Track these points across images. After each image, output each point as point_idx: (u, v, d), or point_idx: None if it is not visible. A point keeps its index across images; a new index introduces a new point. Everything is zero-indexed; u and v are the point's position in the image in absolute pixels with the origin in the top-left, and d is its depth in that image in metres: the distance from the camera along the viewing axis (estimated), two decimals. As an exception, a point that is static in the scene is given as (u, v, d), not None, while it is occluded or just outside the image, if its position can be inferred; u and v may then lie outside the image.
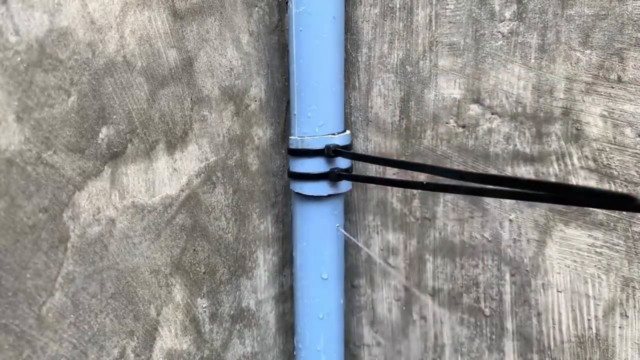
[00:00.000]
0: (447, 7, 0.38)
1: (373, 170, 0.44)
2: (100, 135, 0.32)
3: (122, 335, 0.35)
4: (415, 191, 0.43)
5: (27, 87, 0.28)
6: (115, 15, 0.32)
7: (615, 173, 0.34)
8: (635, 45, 0.32)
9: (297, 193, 0.40)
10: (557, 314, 0.38)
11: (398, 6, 0.40)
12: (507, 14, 0.36)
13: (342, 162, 0.39)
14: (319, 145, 0.38)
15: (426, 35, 0.39)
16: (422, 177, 0.41)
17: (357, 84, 0.44)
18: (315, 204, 0.40)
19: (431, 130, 0.41)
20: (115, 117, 0.32)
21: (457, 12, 0.38)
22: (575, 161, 0.35)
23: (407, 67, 0.41)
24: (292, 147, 0.39)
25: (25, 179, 0.28)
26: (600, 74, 0.33)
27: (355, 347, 0.49)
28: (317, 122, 0.39)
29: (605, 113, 0.33)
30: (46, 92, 0.29)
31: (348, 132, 0.40)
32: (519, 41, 0.36)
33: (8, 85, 0.27)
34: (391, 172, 0.43)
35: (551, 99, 0.35)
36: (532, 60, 0.35)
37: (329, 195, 0.39)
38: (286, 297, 0.48)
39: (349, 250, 0.48)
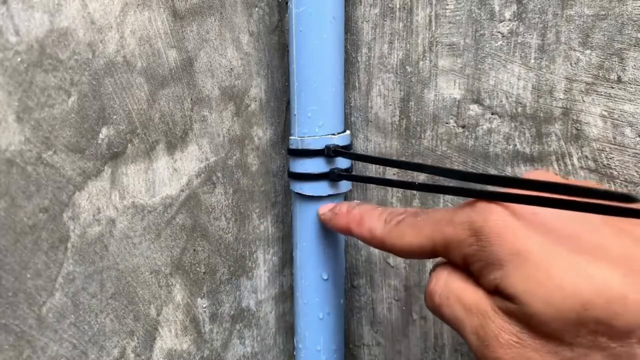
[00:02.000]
0: (447, 7, 0.38)
1: (373, 170, 0.44)
2: (101, 136, 0.32)
3: (122, 335, 0.35)
4: (415, 191, 0.43)
5: (28, 88, 0.28)
6: (115, 15, 0.32)
7: (615, 173, 0.34)
8: (635, 45, 0.32)
9: (297, 193, 0.40)
10: (557, 314, 0.38)
11: (398, 6, 0.40)
12: (507, 14, 0.36)
13: (342, 162, 0.39)
14: (319, 145, 0.38)
15: (426, 36, 0.39)
16: (422, 177, 0.41)
17: (357, 84, 0.44)
18: (316, 204, 0.40)
19: (431, 130, 0.41)
20: (115, 117, 0.32)
21: (457, 13, 0.38)
22: (575, 161, 0.35)
23: (407, 67, 0.41)
24: (292, 147, 0.39)
25: (26, 179, 0.28)
26: (600, 74, 0.33)
27: (355, 347, 0.49)
28: (317, 122, 0.39)
29: (605, 113, 0.33)
30: (46, 93, 0.29)
31: (348, 132, 0.40)
32: (518, 41, 0.36)
33: (8, 85, 0.27)
34: (391, 172, 0.43)
35: (551, 99, 0.35)
36: (532, 61, 0.35)
37: (329, 196, 0.39)
38: (286, 297, 0.48)
39: (349, 250, 0.48)
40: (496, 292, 0.23)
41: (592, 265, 0.21)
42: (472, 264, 0.25)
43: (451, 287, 0.26)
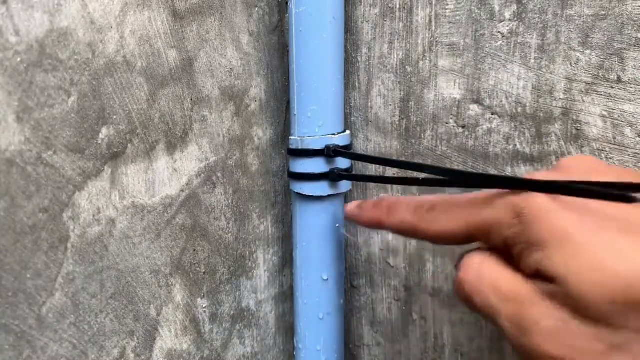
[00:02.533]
0: (447, 7, 0.38)
1: (373, 170, 0.44)
2: (100, 136, 0.32)
3: (122, 335, 0.35)
4: (415, 191, 0.43)
5: (28, 88, 0.28)
6: (115, 15, 0.32)
7: (615, 173, 0.34)
8: (635, 45, 0.32)
9: (297, 193, 0.40)
10: (557, 314, 0.38)
11: (398, 6, 0.40)
12: (507, 14, 0.36)
13: (342, 162, 0.39)
14: (319, 145, 0.38)
15: (426, 36, 0.39)
16: (422, 177, 0.41)
17: (357, 84, 0.44)
18: (315, 204, 0.40)
19: (431, 130, 0.41)
20: (115, 117, 0.32)
21: (457, 13, 0.38)
22: (575, 161, 0.35)
23: (407, 67, 0.41)
24: (292, 147, 0.39)
25: (26, 179, 0.28)
26: (600, 74, 0.33)
27: (355, 347, 0.49)
28: (317, 122, 0.39)
29: (605, 113, 0.33)
30: (46, 93, 0.29)
31: (348, 132, 0.40)
32: (518, 41, 0.36)
33: (8, 85, 0.27)
34: (391, 172, 0.43)
35: (551, 99, 0.35)
36: (532, 61, 0.35)
37: (329, 196, 0.39)
38: (286, 297, 0.48)
39: (349, 250, 0.48)
40: (537, 274, 0.23)
41: (635, 247, 0.21)
42: (513, 247, 0.24)
43: (484, 274, 0.25)
